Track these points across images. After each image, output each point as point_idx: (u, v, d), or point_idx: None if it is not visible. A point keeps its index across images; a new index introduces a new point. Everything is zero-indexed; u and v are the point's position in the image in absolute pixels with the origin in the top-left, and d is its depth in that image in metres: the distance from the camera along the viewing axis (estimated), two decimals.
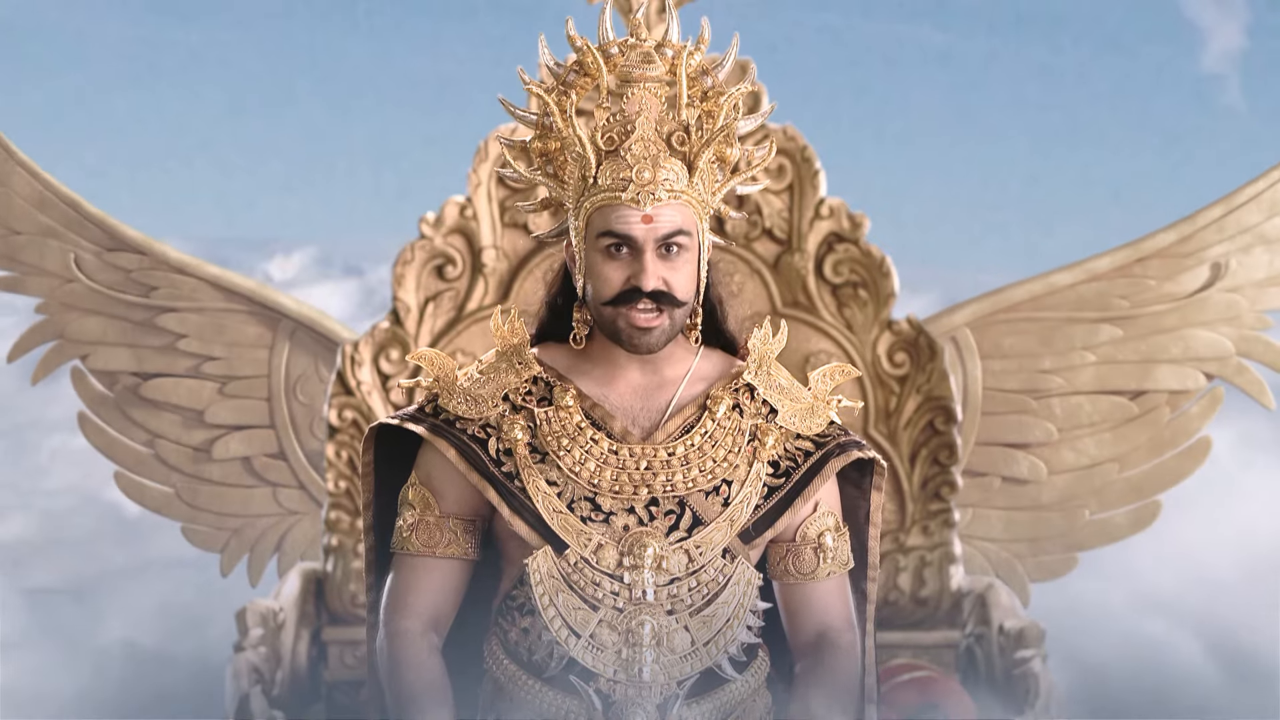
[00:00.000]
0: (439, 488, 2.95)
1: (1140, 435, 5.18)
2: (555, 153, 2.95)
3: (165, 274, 5.20)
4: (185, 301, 5.21)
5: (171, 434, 5.28)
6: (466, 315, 5.21)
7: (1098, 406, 5.18)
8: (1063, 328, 5.17)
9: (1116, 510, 5.24)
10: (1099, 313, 5.14)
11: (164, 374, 5.26)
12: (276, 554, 5.33)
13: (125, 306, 5.20)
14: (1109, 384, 5.17)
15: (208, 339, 5.24)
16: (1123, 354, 5.15)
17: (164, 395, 5.26)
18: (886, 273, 5.21)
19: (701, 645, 2.89)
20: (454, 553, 2.94)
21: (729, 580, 2.90)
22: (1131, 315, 5.13)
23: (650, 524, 2.88)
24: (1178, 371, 5.12)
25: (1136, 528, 5.25)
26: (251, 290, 5.25)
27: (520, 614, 2.92)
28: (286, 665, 5.04)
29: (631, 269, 2.87)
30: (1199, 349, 5.10)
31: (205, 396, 5.27)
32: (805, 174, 5.21)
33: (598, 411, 2.93)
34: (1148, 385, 5.15)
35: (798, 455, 2.97)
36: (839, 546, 3.00)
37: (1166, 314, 5.11)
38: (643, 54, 2.94)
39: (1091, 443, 5.21)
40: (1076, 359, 5.18)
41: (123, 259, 5.18)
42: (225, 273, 5.26)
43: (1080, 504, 5.24)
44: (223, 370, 5.27)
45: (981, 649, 5.16)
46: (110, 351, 5.23)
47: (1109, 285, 5.12)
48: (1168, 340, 5.12)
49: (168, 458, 5.29)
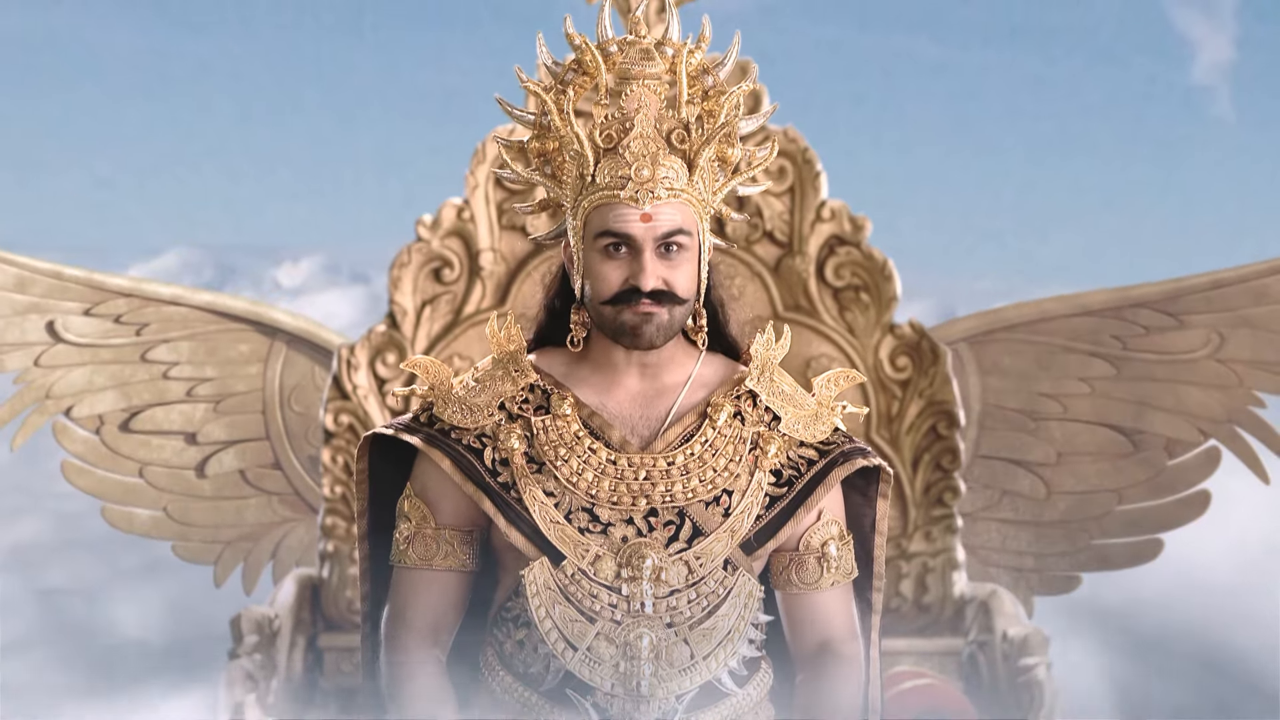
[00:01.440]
0: (435, 500, 2.90)
1: (1138, 473, 5.15)
2: (553, 153, 2.90)
3: (156, 309, 5.20)
4: (178, 331, 5.21)
5: (161, 460, 5.28)
6: (464, 319, 5.17)
7: (1095, 436, 5.15)
8: (1058, 354, 5.15)
9: (1117, 539, 5.20)
10: (1092, 346, 5.12)
11: (155, 404, 5.25)
12: (272, 561, 5.32)
13: (114, 350, 5.19)
14: (1105, 417, 5.14)
15: (200, 361, 5.24)
16: (1117, 391, 5.12)
17: (155, 425, 5.25)
18: (889, 276, 5.18)
19: (701, 659, 2.84)
20: (452, 565, 2.89)
21: (729, 592, 2.85)
22: (1124, 356, 5.10)
23: (649, 535, 2.83)
24: (1172, 421, 5.08)
25: (1136, 561, 5.21)
26: (244, 310, 5.25)
27: (516, 626, 2.87)
28: (282, 673, 5.01)
29: (630, 268, 2.82)
30: (1192, 406, 5.07)
31: (198, 418, 5.26)
32: (806, 176, 5.18)
33: (596, 420, 2.87)
34: (1143, 427, 5.12)
35: (801, 464, 2.91)
36: (843, 555, 2.94)
37: (1158, 365, 5.09)
38: (642, 51, 2.88)
39: (1090, 471, 5.18)
40: (1072, 387, 5.15)
41: (110, 308, 5.17)
42: (217, 297, 5.26)
43: (1081, 527, 5.21)
44: (216, 390, 5.26)
45: (985, 656, 5.12)
46: (96, 397, 5.21)
47: (1100, 322, 5.10)
48: (1160, 390, 5.09)
49: (157, 482, 5.28)
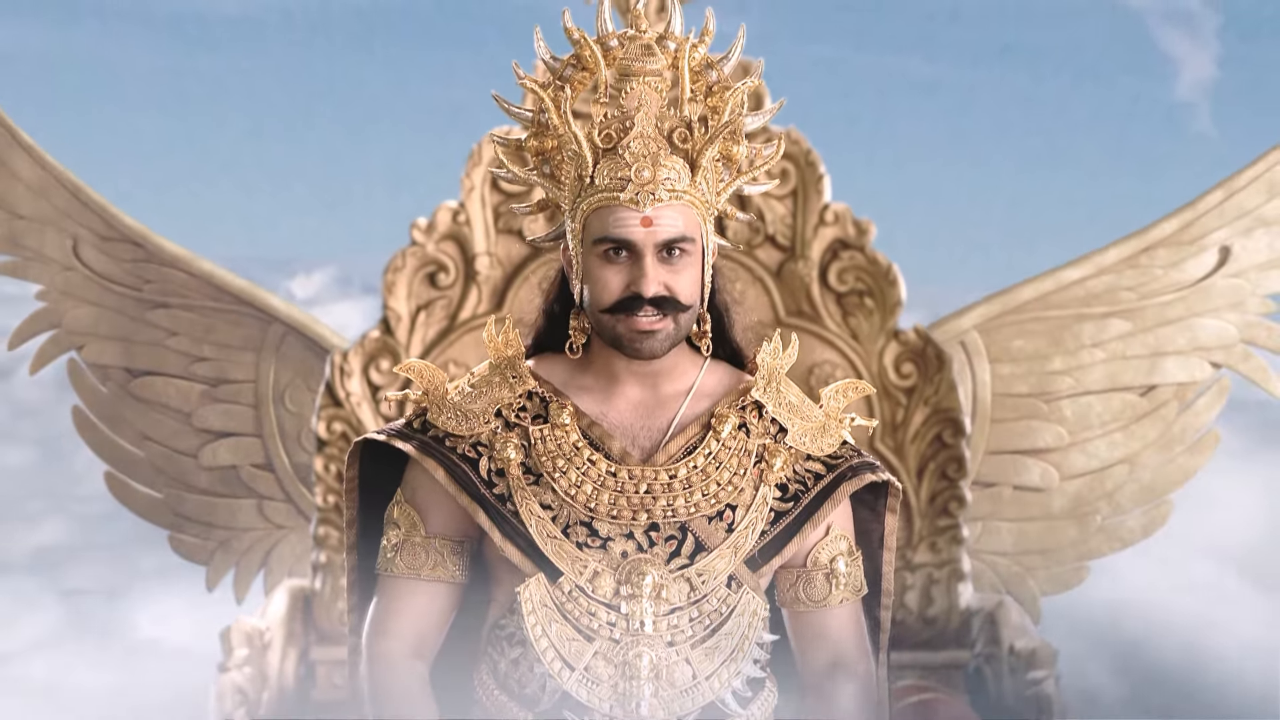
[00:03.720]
0: (425, 507, 2.80)
1: (1150, 432, 5.19)
2: (552, 152, 2.79)
3: (158, 267, 5.17)
4: (176, 297, 5.18)
5: (160, 436, 5.25)
6: (459, 324, 5.13)
7: (1108, 405, 5.20)
8: (1071, 325, 5.17)
9: (1128, 513, 5.23)
10: (1107, 307, 5.16)
11: (154, 372, 5.24)
12: (263, 570, 5.28)
13: (118, 298, 5.18)
14: (1118, 381, 5.19)
15: (197, 338, 5.21)
16: (1131, 349, 5.18)
17: (154, 394, 5.24)
18: (893, 281, 5.15)
19: (704, 679, 2.73)
20: (440, 575, 2.79)
21: (733, 610, 2.74)
22: (1139, 307, 5.15)
23: (650, 550, 2.72)
24: (1185, 363, 5.16)
25: (1148, 530, 5.25)
26: (241, 290, 5.21)
27: (510, 644, 2.77)
28: (273, 686, 4.99)
29: (631, 274, 2.71)
30: (1205, 338, 5.14)
31: (194, 399, 5.24)
32: (809, 179, 5.14)
33: (596, 430, 2.77)
34: (1155, 379, 5.18)
35: (807, 478, 2.81)
36: (852, 572, 2.84)
37: (1172, 304, 5.15)
38: (643, 46, 2.76)
39: (1102, 444, 5.21)
40: (1086, 357, 5.19)
41: (119, 249, 5.15)
42: (216, 270, 5.22)
43: (1091, 509, 5.22)
44: (212, 372, 5.24)
45: (991, 669, 5.09)
46: (103, 344, 5.21)
47: (1117, 278, 5.16)
48: (1174, 331, 5.15)
49: (155, 460, 5.26)
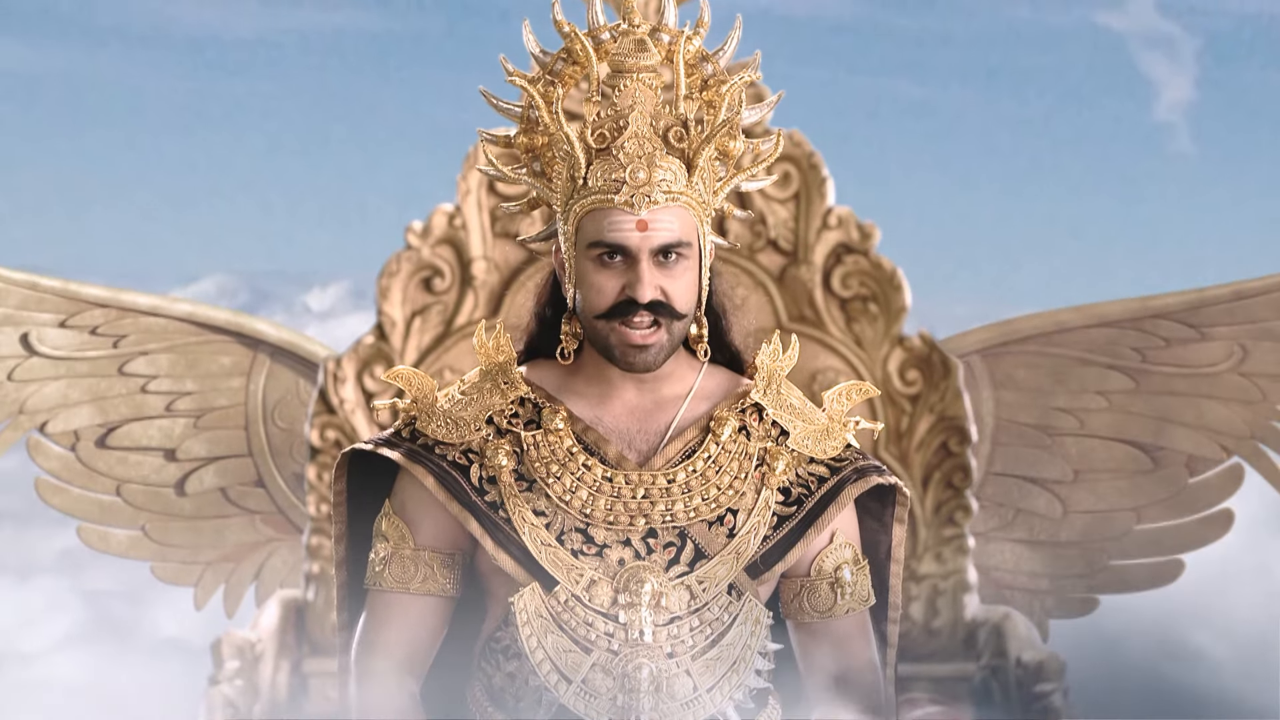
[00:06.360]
0: (415, 518, 2.71)
1: (1159, 491, 5.06)
2: (542, 148, 2.71)
3: (134, 320, 5.13)
4: (156, 343, 5.15)
5: (140, 477, 5.20)
6: (455, 330, 5.09)
7: (1113, 453, 5.07)
8: (1074, 368, 5.06)
9: (1137, 560, 5.10)
10: (1110, 359, 5.04)
11: (133, 419, 5.18)
12: (255, 582, 5.24)
13: (90, 363, 5.12)
14: (1123, 433, 5.06)
15: (180, 375, 5.17)
16: (1136, 406, 5.04)
17: (133, 441, 5.18)
18: (898, 286, 5.10)
19: (705, 691, 2.65)
20: (431, 589, 2.70)
21: (735, 619, 2.66)
22: (1143, 369, 5.02)
23: (648, 558, 2.64)
24: (1193, 437, 5.01)
25: (1156, 583, 5.12)
26: (226, 321, 5.19)
27: (505, 657, 2.69)
28: (265, 699, 4.95)
29: (626, 278, 2.62)
30: (1214, 422, 4.98)
31: (178, 434, 5.19)
32: (812, 182, 5.08)
33: (590, 435, 2.69)
34: (1164, 443, 5.04)
35: (811, 481, 2.72)
36: (859, 581, 2.75)
37: (1178, 378, 5.01)
38: (636, 42, 2.67)
39: (1109, 488, 5.09)
40: (1090, 401, 5.07)
41: (86, 319, 5.10)
42: (197, 307, 5.21)
43: (1099, 548, 5.11)
44: (196, 404, 5.19)
45: (998, 682, 5.05)
46: (71, 412, 5.15)
47: (1119, 334, 5.02)
48: (1181, 404, 5.01)
49: (135, 500, 5.20)
